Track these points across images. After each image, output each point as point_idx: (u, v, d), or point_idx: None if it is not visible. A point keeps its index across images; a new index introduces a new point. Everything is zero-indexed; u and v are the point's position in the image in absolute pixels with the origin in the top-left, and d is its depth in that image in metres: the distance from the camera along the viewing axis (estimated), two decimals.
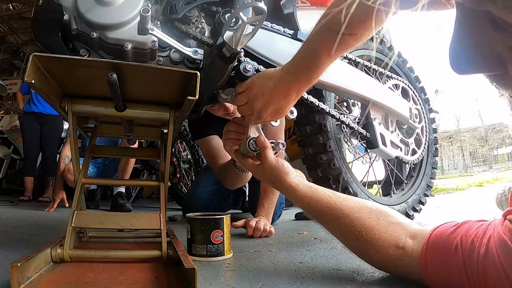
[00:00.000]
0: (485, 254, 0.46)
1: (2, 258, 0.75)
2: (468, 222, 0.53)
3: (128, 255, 0.70)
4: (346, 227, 0.62)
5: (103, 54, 0.79)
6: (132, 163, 2.47)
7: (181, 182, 2.82)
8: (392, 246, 0.57)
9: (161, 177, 0.78)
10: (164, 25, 0.82)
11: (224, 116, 1.38)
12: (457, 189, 4.22)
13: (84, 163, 0.82)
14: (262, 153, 0.76)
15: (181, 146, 2.87)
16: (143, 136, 0.95)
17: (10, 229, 1.33)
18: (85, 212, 0.77)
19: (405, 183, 1.54)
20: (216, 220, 0.83)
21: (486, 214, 1.56)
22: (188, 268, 0.53)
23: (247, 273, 0.67)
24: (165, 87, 0.69)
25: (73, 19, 0.76)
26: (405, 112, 1.35)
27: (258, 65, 0.88)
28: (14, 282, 0.49)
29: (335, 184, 1.24)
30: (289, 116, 0.84)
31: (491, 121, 18.09)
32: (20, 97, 3.63)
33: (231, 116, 1.38)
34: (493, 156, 19.11)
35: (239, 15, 0.69)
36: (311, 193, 0.68)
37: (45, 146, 3.37)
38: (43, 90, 0.61)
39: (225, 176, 1.45)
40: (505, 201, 1.49)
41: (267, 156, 0.74)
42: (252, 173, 0.78)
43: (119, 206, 2.30)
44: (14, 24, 5.77)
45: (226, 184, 1.48)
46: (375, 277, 0.63)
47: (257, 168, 0.77)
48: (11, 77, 6.48)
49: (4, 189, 4.16)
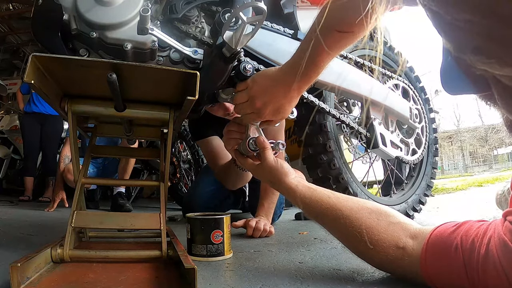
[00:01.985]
0: (485, 254, 0.46)
1: (2, 258, 0.75)
2: (468, 222, 0.53)
3: (128, 255, 0.70)
4: (346, 228, 0.62)
5: (102, 54, 0.79)
6: (132, 163, 2.47)
7: (181, 182, 2.82)
8: (392, 246, 0.57)
9: (161, 177, 0.78)
10: (164, 25, 0.82)
11: (224, 116, 1.38)
12: (457, 189, 4.21)
13: (84, 163, 0.82)
14: (261, 153, 0.76)
15: (181, 146, 2.87)
16: (143, 136, 0.95)
17: (10, 229, 1.33)
18: (85, 212, 0.77)
19: (405, 183, 1.54)
20: (216, 220, 0.83)
21: (486, 214, 1.56)
22: (188, 268, 0.53)
23: (247, 273, 0.67)
24: (165, 87, 0.69)
25: (73, 19, 0.76)
26: (405, 112, 1.35)
27: (258, 65, 0.88)
28: (14, 282, 0.49)
29: (335, 184, 1.24)
30: (289, 116, 0.84)
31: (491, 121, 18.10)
32: (20, 97, 3.63)
33: (231, 116, 1.38)
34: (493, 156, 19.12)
35: (239, 15, 0.69)
36: (311, 194, 0.68)
37: (45, 146, 3.37)
38: (43, 90, 0.61)
39: (225, 177, 1.45)
40: (505, 202, 1.49)
41: (266, 157, 0.74)
42: (251, 173, 0.78)
43: (119, 206, 2.30)
44: (14, 24, 5.76)
45: (226, 184, 1.48)
46: (375, 277, 0.63)
47: (256, 168, 0.77)
48: (11, 77, 6.48)
49: (4, 189, 4.16)
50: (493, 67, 0.21)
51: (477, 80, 0.23)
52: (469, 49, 0.21)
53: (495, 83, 0.23)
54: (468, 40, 0.20)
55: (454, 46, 0.22)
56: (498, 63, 0.20)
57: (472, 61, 0.21)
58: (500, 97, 0.24)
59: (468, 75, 0.23)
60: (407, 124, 1.39)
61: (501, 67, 0.20)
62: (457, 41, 0.21)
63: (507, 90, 0.23)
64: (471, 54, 0.21)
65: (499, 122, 0.26)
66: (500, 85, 0.23)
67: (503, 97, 0.23)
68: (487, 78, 0.23)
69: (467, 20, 0.19)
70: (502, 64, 0.20)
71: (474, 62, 0.21)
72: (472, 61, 0.21)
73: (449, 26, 0.20)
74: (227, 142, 0.87)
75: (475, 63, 0.21)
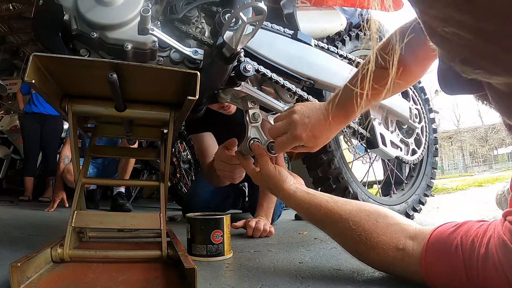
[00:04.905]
0: (485, 254, 0.46)
1: (2, 258, 0.75)
2: (468, 222, 0.53)
3: (128, 255, 0.70)
4: (345, 232, 0.62)
5: (103, 54, 0.79)
6: (132, 163, 2.47)
7: (181, 182, 2.82)
8: (391, 248, 0.57)
9: (161, 177, 0.78)
10: (164, 25, 0.82)
11: (219, 110, 1.38)
12: (457, 189, 4.22)
13: (84, 163, 0.82)
14: (258, 161, 0.76)
15: (181, 146, 2.87)
16: (143, 136, 0.95)
17: (10, 229, 1.33)
18: (85, 212, 0.77)
19: (405, 183, 1.54)
20: (216, 220, 0.83)
21: (486, 214, 1.56)
22: (188, 268, 0.53)
23: (247, 273, 0.67)
24: (165, 87, 0.69)
25: (73, 19, 0.76)
26: (405, 112, 1.35)
27: (258, 65, 0.88)
28: (14, 282, 0.49)
29: (335, 184, 1.24)
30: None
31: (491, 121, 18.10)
32: (20, 97, 3.62)
33: (225, 110, 1.39)
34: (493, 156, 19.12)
35: (239, 15, 0.69)
36: (309, 199, 0.68)
37: (45, 146, 3.36)
38: (43, 90, 0.61)
39: (209, 175, 1.44)
40: (505, 202, 1.49)
41: (263, 165, 0.74)
42: (252, 178, 0.78)
43: (119, 206, 2.30)
44: (14, 24, 5.76)
45: (211, 182, 1.48)
46: (375, 277, 0.63)
47: (256, 175, 0.77)
48: (11, 77, 6.47)
49: (4, 189, 4.16)
50: (481, 76, 0.22)
51: (472, 82, 0.24)
52: (458, 59, 0.21)
53: (487, 86, 0.24)
54: (456, 52, 0.21)
55: (444, 55, 0.23)
56: (485, 73, 0.21)
57: (461, 70, 0.22)
58: (493, 99, 0.24)
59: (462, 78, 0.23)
60: (407, 124, 1.39)
61: (489, 75, 0.21)
62: (447, 52, 0.22)
63: (499, 93, 0.23)
64: (459, 63, 0.22)
65: (499, 122, 0.26)
66: (492, 88, 0.23)
67: (495, 99, 0.24)
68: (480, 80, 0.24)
69: (454, 33, 0.20)
70: (490, 73, 0.21)
71: (463, 71, 0.22)
72: (461, 70, 0.22)
73: (439, 37, 0.21)
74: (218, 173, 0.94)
75: (464, 72, 0.22)
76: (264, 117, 0.90)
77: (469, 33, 0.19)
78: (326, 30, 1.43)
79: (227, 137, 0.94)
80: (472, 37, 0.19)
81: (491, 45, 0.19)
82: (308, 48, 1.06)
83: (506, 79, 0.21)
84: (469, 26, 0.19)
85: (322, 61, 1.07)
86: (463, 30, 0.19)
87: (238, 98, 0.94)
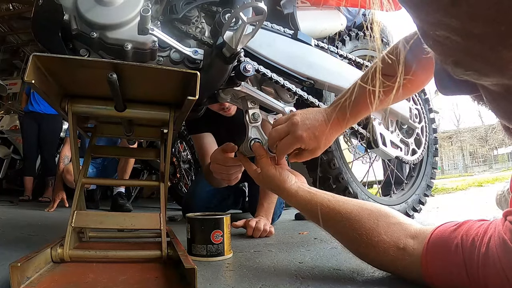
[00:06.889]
0: (485, 254, 0.46)
1: (2, 258, 0.75)
2: (469, 221, 0.53)
3: (128, 255, 0.70)
4: (346, 231, 0.62)
5: (103, 54, 0.79)
6: (131, 163, 2.47)
7: (181, 182, 2.81)
8: (392, 247, 0.57)
9: (161, 177, 0.78)
10: (164, 25, 0.82)
11: (219, 111, 1.38)
12: (457, 189, 4.21)
13: (84, 163, 0.82)
14: (259, 162, 0.76)
15: (181, 146, 2.87)
16: (143, 136, 0.95)
17: (10, 229, 1.33)
18: (85, 212, 0.77)
19: (405, 183, 1.54)
20: (216, 220, 0.83)
21: (486, 214, 1.56)
22: (188, 268, 0.53)
23: (247, 273, 0.67)
24: (165, 87, 0.69)
25: (73, 19, 0.76)
26: (405, 112, 1.35)
27: (258, 65, 0.88)
28: (14, 282, 0.49)
29: (335, 184, 1.24)
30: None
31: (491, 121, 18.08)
32: (24, 98, 3.59)
33: (225, 112, 1.39)
34: (493, 156, 19.12)
35: (239, 15, 0.69)
36: (311, 198, 0.68)
37: (43, 145, 3.35)
38: (43, 90, 0.61)
39: (209, 176, 1.44)
40: (505, 202, 1.49)
41: (263, 166, 0.75)
42: (254, 179, 0.78)
43: (119, 206, 2.30)
44: (14, 24, 5.76)
45: (211, 183, 1.48)
46: (375, 277, 0.63)
47: (257, 176, 0.77)
48: (11, 77, 6.47)
49: (4, 189, 4.16)
50: (473, 77, 0.22)
51: (466, 83, 0.25)
52: (450, 61, 0.22)
53: (481, 87, 0.24)
54: (448, 54, 0.22)
55: (438, 57, 0.24)
56: (476, 74, 0.22)
57: (453, 72, 0.23)
58: (487, 100, 0.25)
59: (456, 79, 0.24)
60: (407, 124, 1.39)
61: (480, 77, 0.22)
62: (440, 54, 0.23)
63: (492, 94, 0.24)
64: (452, 65, 0.23)
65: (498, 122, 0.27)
66: (485, 89, 0.24)
67: (489, 100, 0.25)
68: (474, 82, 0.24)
69: (445, 37, 0.21)
70: (481, 75, 0.22)
71: (455, 73, 0.23)
72: (453, 72, 0.23)
73: (432, 40, 0.22)
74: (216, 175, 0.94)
75: (456, 73, 0.23)
76: (264, 117, 0.90)
77: (458, 36, 0.20)
78: (326, 30, 1.43)
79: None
80: (461, 39, 0.20)
81: (480, 47, 0.20)
82: (308, 48, 1.06)
83: (497, 80, 0.22)
84: (457, 29, 0.20)
85: (322, 61, 1.07)
86: (452, 33, 0.20)
87: (238, 98, 0.94)
